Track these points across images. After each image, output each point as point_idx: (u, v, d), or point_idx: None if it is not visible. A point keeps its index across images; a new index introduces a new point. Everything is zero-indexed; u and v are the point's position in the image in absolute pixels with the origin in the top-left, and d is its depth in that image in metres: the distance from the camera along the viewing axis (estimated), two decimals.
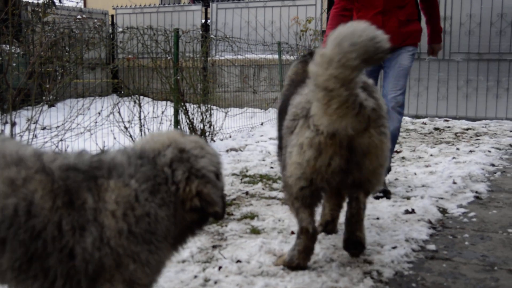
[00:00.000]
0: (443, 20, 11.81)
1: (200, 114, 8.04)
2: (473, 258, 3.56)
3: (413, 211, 4.54)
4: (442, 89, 12.44)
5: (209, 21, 15.15)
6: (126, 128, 6.84)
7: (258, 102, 12.28)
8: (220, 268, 3.31)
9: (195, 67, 8.66)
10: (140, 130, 6.98)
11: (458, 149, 8.00)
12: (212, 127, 8.28)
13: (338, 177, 3.20)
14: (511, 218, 4.47)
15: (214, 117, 8.52)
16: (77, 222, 1.97)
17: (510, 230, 4.13)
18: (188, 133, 7.16)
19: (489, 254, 3.64)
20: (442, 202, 4.91)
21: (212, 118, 8.32)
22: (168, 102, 7.87)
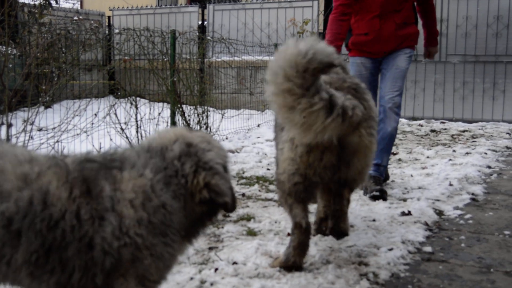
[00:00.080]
0: (440, 22, 11.83)
1: (196, 115, 8.03)
2: (469, 260, 3.56)
3: (409, 213, 4.54)
4: (439, 91, 12.45)
5: (205, 22, 15.13)
6: (122, 129, 6.83)
7: (254, 103, 12.28)
8: (216, 270, 3.30)
9: (192, 69, 8.65)
10: (136, 132, 6.96)
11: (454, 151, 8.01)
12: (208, 129, 8.27)
13: (330, 172, 3.26)
14: (508, 220, 4.48)
15: (211, 118, 8.51)
16: (95, 211, 1.98)
17: (506, 232, 4.14)
18: None
19: (485, 256, 3.64)
20: (439, 204, 4.92)
21: (208, 119, 8.31)
22: (164, 103, 7.85)
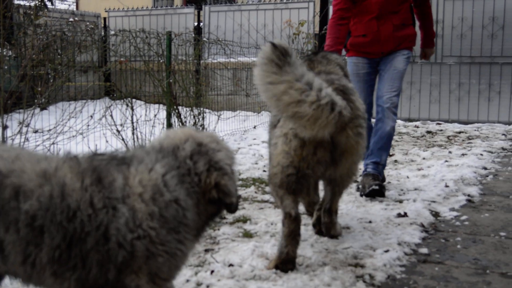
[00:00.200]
0: (435, 23, 11.84)
1: (192, 117, 8.01)
2: (465, 262, 3.57)
3: (405, 215, 4.55)
4: (435, 92, 12.47)
5: (201, 24, 15.11)
6: (118, 131, 6.81)
7: (251, 105, 12.27)
8: (212, 272, 3.30)
9: (188, 70, 8.63)
10: (132, 134, 6.94)
11: (450, 152, 8.02)
12: (204, 131, 8.25)
13: (323, 167, 3.35)
14: (503, 222, 4.49)
15: (207, 120, 8.50)
16: (108, 199, 2.05)
17: (502, 234, 4.15)
18: None
19: (481, 257, 3.65)
20: (435, 206, 4.92)
21: (204, 121, 8.30)
22: (160, 105, 7.85)
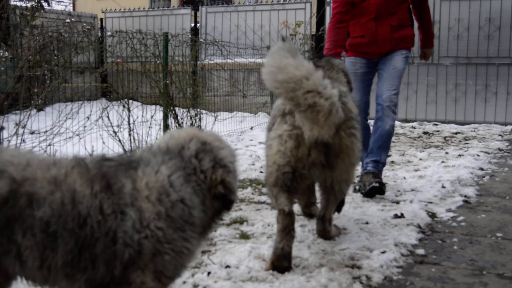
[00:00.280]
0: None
1: (189, 118, 8.01)
2: (462, 263, 3.57)
3: (402, 216, 4.55)
4: (431, 93, 12.48)
5: (198, 25, 15.11)
6: (115, 132, 6.80)
7: (247, 106, 12.27)
8: (209, 273, 3.30)
9: (185, 71, 8.63)
10: (129, 135, 6.93)
11: (447, 153, 8.03)
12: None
13: (318, 170, 3.41)
14: (500, 222, 4.49)
15: (204, 121, 8.50)
16: (117, 205, 2.09)
17: (498, 234, 4.15)
18: None
19: (478, 258, 3.65)
20: (431, 207, 4.92)
21: (201, 122, 8.30)
22: (157, 106, 7.84)
